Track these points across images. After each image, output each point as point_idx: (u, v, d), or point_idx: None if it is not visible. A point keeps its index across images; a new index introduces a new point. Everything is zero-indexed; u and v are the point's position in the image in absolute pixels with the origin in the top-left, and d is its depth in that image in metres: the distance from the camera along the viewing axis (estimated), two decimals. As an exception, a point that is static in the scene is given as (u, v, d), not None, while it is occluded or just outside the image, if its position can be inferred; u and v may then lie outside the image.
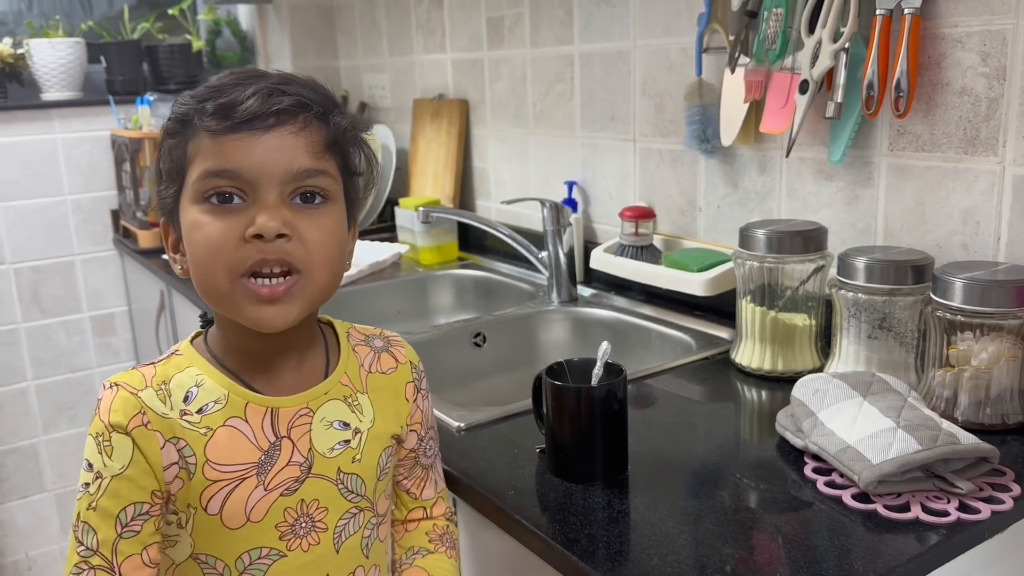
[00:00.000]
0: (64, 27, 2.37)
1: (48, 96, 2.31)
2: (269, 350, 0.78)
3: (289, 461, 0.76)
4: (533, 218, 1.83)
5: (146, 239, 2.19)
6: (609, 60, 1.61)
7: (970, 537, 0.80)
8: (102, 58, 2.42)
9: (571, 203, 1.72)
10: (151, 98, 2.25)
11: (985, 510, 0.81)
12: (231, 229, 0.70)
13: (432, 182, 2.12)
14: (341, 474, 0.79)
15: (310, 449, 0.78)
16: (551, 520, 0.84)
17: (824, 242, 1.17)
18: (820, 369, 1.16)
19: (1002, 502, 0.82)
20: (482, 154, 2.03)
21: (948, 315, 0.97)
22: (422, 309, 1.87)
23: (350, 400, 0.81)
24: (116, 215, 2.41)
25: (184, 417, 0.74)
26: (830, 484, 0.87)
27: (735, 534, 0.80)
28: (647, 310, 1.49)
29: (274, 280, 0.72)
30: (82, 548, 0.73)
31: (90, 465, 0.74)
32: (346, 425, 0.80)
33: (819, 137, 1.26)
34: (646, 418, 1.09)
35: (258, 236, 0.70)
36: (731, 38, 1.31)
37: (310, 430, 0.78)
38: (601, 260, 1.57)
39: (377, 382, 0.84)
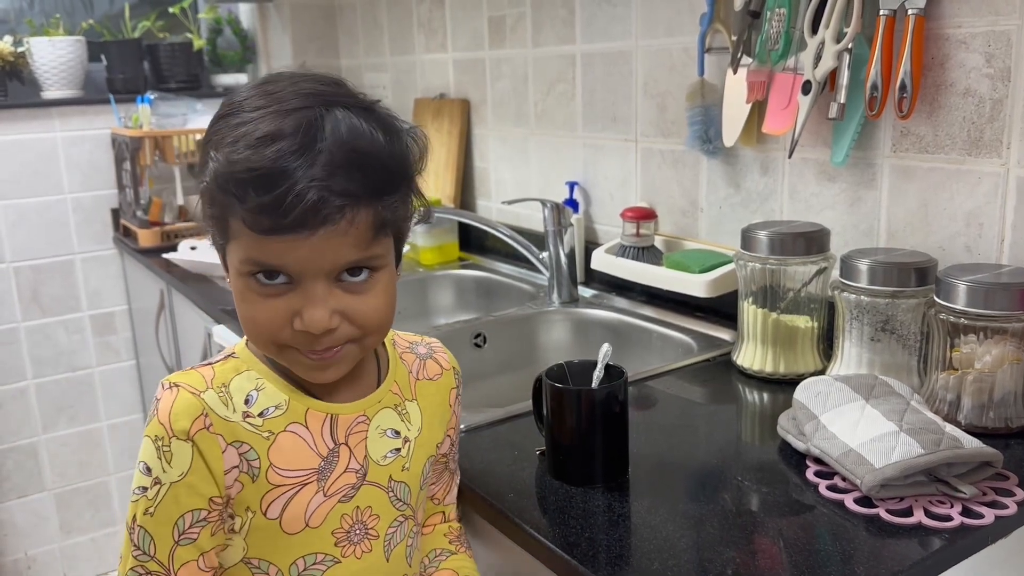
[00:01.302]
0: (65, 25, 2.37)
1: (48, 94, 2.31)
2: None
3: (347, 468, 0.76)
4: (534, 218, 1.82)
5: (146, 238, 2.18)
6: (611, 60, 1.60)
7: (973, 542, 0.79)
8: (103, 56, 2.41)
9: (572, 203, 1.71)
10: (152, 97, 2.24)
11: (989, 515, 0.80)
12: (277, 313, 0.69)
13: (433, 182, 2.12)
14: (392, 482, 0.80)
15: (365, 456, 0.78)
16: (551, 523, 0.84)
17: (826, 244, 1.17)
18: (822, 372, 1.16)
19: (1006, 507, 0.82)
20: (483, 154, 2.03)
21: (951, 318, 0.96)
22: (422, 309, 1.86)
23: (400, 408, 0.82)
24: (116, 214, 2.40)
25: (247, 420, 0.73)
26: (832, 488, 0.87)
27: (736, 538, 0.80)
28: (648, 311, 1.49)
29: (323, 353, 0.71)
30: (138, 552, 0.72)
31: (148, 469, 0.71)
32: (397, 433, 0.80)
33: (822, 138, 1.25)
34: (647, 420, 1.08)
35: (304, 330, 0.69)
36: (733, 38, 1.30)
37: (366, 438, 0.78)
38: (602, 261, 1.56)
39: (425, 389, 0.85)
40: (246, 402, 0.73)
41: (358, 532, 0.78)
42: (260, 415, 0.73)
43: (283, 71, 0.76)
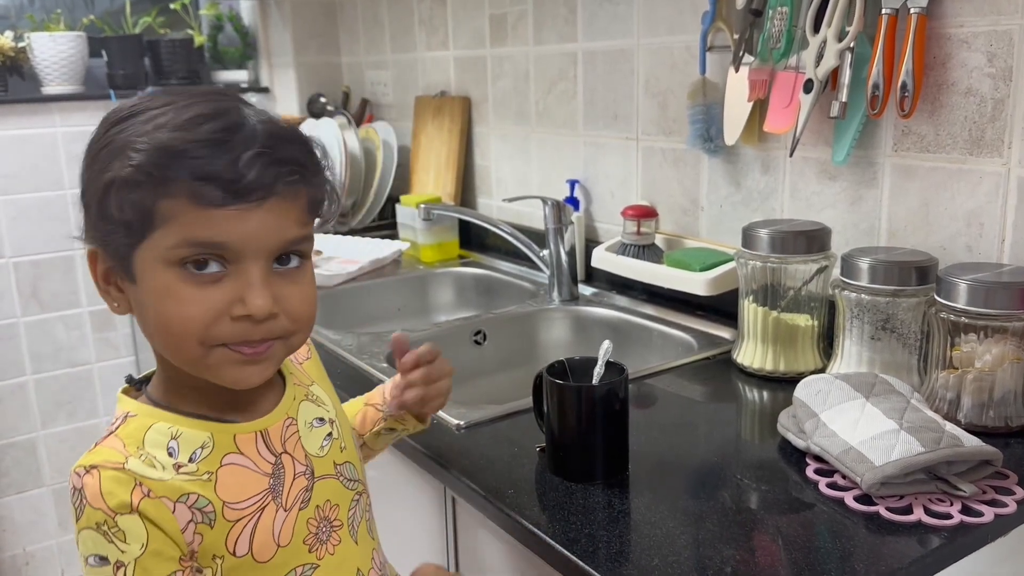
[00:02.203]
0: (65, 21, 2.36)
1: (49, 90, 2.31)
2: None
3: (295, 474, 0.75)
4: (535, 216, 1.82)
5: (146, 234, 2.18)
6: (612, 58, 1.60)
7: (973, 540, 0.79)
8: (103, 52, 2.41)
9: (573, 201, 1.71)
10: (152, 91, 2.24)
11: (988, 513, 0.80)
12: (212, 304, 0.65)
13: (433, 179, 2.12)
14: (337, 467, 0.79)
15: (306, 455, 0.76)
16: (551, 520, 0.84)
17: (827, 242, 1.17)
18: (822, 370, 1.16)
19: (1005, 505, 0.82)
20: (484, 152, 2.03)
21: (952, 317, 0.96)
22: (422, 307, 1.86)
23: (310, 396, 0.81)
24: (116, 210, 2.40)
25: (180, 472, 0.68)
26: (832, 486, 0.87)
27: (736, 535, 0.80)
28: (649, 309, 1.49)
29: (256, 346, 0.68)
30: None
31: (102, 559, 0.65)
32: (321, 420, 0.80)
33: (823, 137, 1.25)
34: (647, 418, 1.08)
35: (245, 316, 0.66)
36: (735, 37, 1.30)
37: (300, 438, 0.77)
38: (603, 259, 1.56)
39: (310, 369, 0.85)
40: (170, 454, 0.69)
41: (324, 530, 0.76)
42: (190, 460, 0.69)
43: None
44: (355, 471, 0.81)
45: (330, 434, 0.80)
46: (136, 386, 0.75)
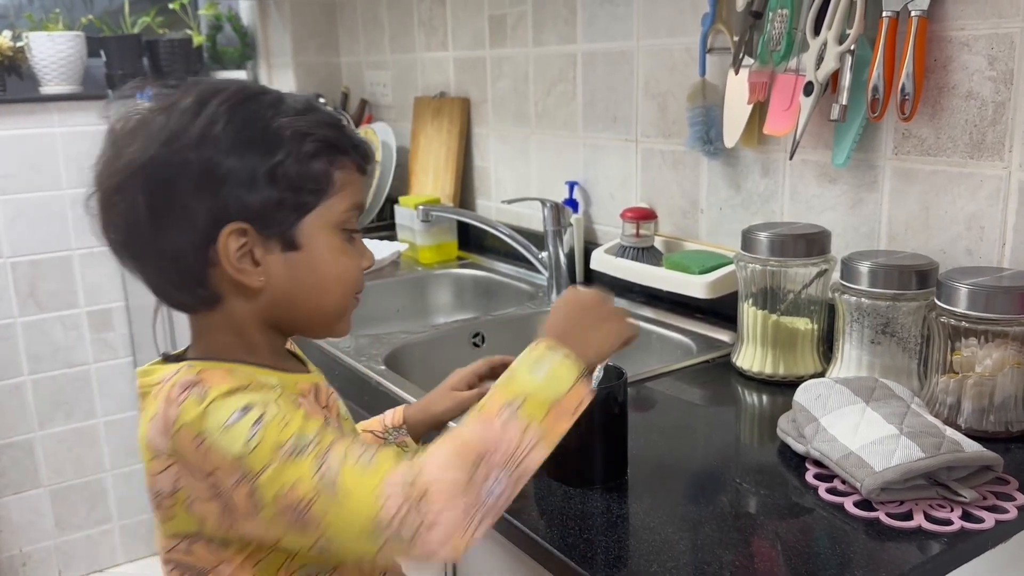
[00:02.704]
0: (64, 20, 2.36)
1: (47, 90, 2.30)
2: (283, 344, 0.81)
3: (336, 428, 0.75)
4: (534, 218, 1.82)
5: (144, 235, 2.17)
6: (612, 60, 1.60)
7: (973, 547, 0.79)
8: (102, 52, 2.40)
9: (572, 203, 1.71)
10: (151, 93, 2.23)
11: (989, 519, 0.80)
12: (359, 260, 0.79)
13: (432, 181, 2.11)
14: (353, 434, 0.85)
15: (338, 416, 0.82)
16: (549, 524, 0.83)
17: (827, 246, 1.16)
18: (822, 374, 1.15)
19: (1006, 511, 0.81)
20: (483, 153, 2.02)
21: (952, 321, 0.96)
22: (421, 308, 1.86)
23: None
24: (114, 210, 2.39)
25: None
26: (832, 491, 0.86)
27: (735, 540, 0.79)
28: (647, 312, 1.48)
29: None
30: (302, 453, 0.65)
31: (245, 408, 0.66)
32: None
33: (823, 140, 1.25)
34: (646, 421, 1.08)
35: (367, 267, 0.80)
36: (735, 39, 1.30)
37: (337, 399, 0.83)
38: (602, 261, 1.56)
39: None
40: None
41: None
42: None
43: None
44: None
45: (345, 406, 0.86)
46: (173, 358, 0.77)
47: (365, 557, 0.69)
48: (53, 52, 2.26)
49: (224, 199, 0.70)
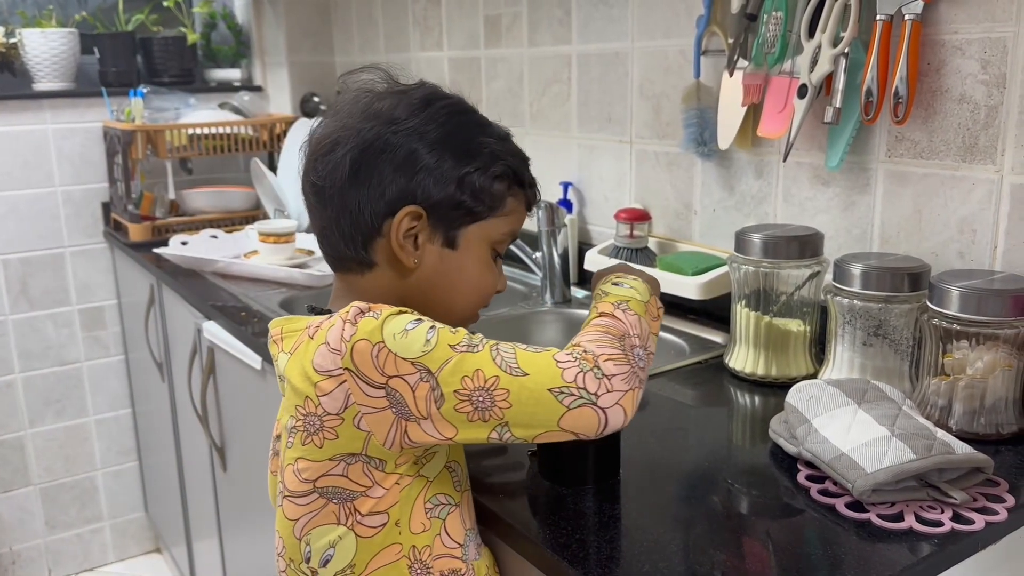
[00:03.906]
0: (57, 17, 2.35)
1: (40, 86, 2.29)
2: None
3: None
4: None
5: (137, 232, 2.17)
6: (607, 61, 1.60)
7: (964, 548, 0.79)
8: (95, 49, 2.40)
9: (566, 204, 1.71)
10: (144, 90, 2.23)
11: (979, 521, 0.80)
12: (495, 280, 0.88)
13: (426, 180, 2.11)
14: None
15: None
16: (542, 524, 0.83)
17: (820, 248, 1.17)
18: (814, 375, 1.16)
19: (996, 513, 0.82)
20: (477, 153, 2.02)
21: (944, 323, 0.96)
22: (414, 308, 1.85)
23: None
24: (107, 208, 2.39)
25: None
26: (823, 492, 0.87)
27: (727, 541, 0.80)
28: (641, 313, 1.48)
29: None
30: (485, 346, 0.75)
31: (417, 320, 0.75)
32: None
33: (817, 142, 1.25)
34: (639, 422, 1.08)
35: (497, 292, 0.89)
36: (730, 41, 1.30)
37: None
38: (595, 262, 1.56)
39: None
40: None
41: None
42: None
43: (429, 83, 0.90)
44: None
45: None
46: (319, 311, 0.85)
47: (548, 427, 0.72)
48: (46, 49, 2.26)
49: (415, 184, 0.81)
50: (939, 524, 0.80)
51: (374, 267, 0.84)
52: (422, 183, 0.81)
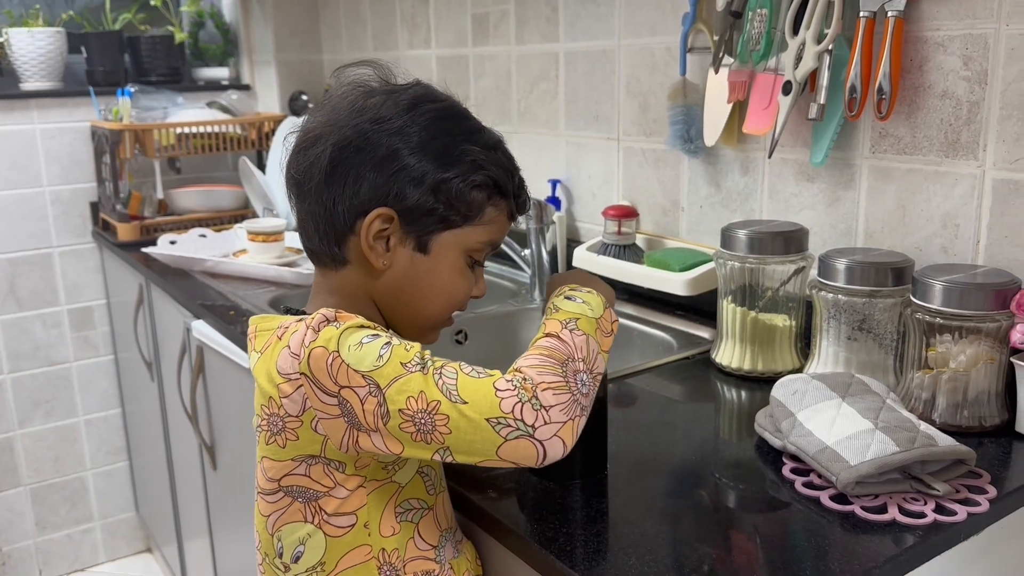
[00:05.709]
0: (44, 16, 2.34)
1: (27, 86, 2.29)
2: (384, 324, 0.87)
3: None
4: (516, 216, 1.82)
5: (125, 232, 2.16)
6: (594, 59, 1.61)
7: (946, 539, 0.80)
8: (83, 48, 2.39)
9: (554, 201, 1.71)
10: (132, 90, 2.22)
11: (961, 512, 0.81)
12: (470, 286, 0.86)
13: (415, 178, 2.11)
14: None
15: None
16: (529, 519, 0.84)
17: (805, 243, 1.18)
18: (800, 370, 1.17)
19: (978, 504, 0.83)
20: (466, 151, 2.02)
21: (927, 317, 0.97)
22: (404, 306, 1.86)
23: None
24: (95, 207, 2.38)
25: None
26: (808, 485, 0.87)
27: (713, 534, 0.80)
28: (629, 309, 1.49)
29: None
30: (431, 368, 0.73)
31: (374, 335, 0.75)
32: None
33: (801, 138, 1.26)
34: (626, 417, 1.08)
35: (473, 297, 0.88)
36: (715, 38, 1.31)
37: None
38: (584, 259, 1.56)
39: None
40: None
41: None
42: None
43: (427, 83, 0.89)
44: None
45: None
46: (293, 311, 0.85)
47: (487, 456, 0.72)
48: (33, 48, 2.25)
49: (390, 185, 0.80)
50: (922, 516, 0.81)
51: (347, 264, 0.84)
52: (397, 185, 0.80)
